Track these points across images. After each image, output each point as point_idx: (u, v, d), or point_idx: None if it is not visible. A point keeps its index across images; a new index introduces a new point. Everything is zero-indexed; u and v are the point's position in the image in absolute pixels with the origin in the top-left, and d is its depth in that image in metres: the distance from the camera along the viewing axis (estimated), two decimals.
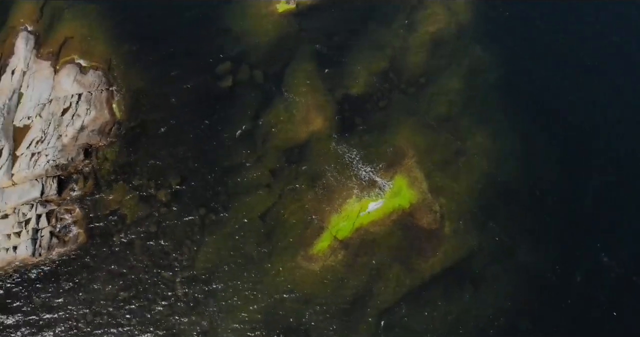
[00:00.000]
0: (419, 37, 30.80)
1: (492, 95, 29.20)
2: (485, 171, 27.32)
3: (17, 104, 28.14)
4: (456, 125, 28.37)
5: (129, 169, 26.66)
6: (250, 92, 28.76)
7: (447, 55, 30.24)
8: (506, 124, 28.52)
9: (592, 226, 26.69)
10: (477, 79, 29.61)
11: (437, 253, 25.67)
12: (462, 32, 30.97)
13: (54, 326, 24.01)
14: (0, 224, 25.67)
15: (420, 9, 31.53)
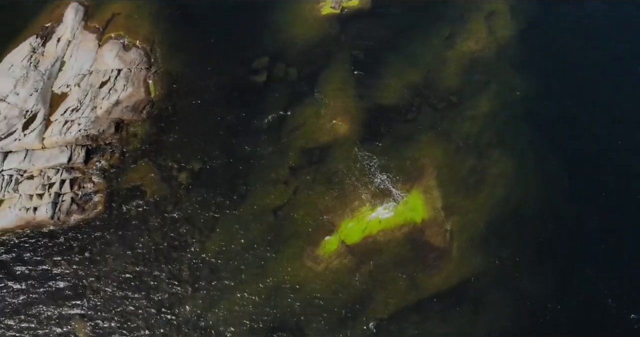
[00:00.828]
0: (456, 54, 31.15)
1: (519, 122, 29.40)
2: (501, 196, 27.57)
3: (59, 71, 29.41)
4: (479, 146, 28.63)
5: (155, 148, 27.70)
6: (282, 89, 29.53)
7: (481, 76, 30.50)
8: (528, 152, 28.70)
9: (597, 259, 26.75)
10: (508, 103, 29.82)
11: (442, 271, 26.01)
12: (500, 54, 31.20)
13: (60, 289, 25.12)
14: (25, 184, 26.95)
15: (461, 25, 31.88)
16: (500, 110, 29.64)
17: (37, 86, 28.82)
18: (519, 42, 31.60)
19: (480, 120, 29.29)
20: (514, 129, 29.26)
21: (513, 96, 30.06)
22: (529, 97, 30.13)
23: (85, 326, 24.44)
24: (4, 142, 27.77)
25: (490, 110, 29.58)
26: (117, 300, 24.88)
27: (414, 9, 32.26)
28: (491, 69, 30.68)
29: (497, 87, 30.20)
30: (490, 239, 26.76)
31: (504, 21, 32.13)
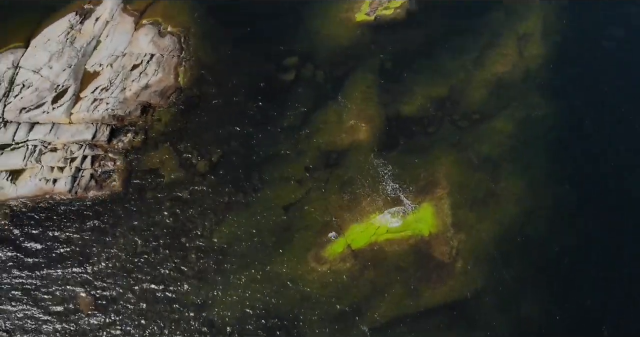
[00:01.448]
0: (484, 72, 31.51)
1: (539, 147, 29.65)
2: (511, 218, 27.87)
3: (93, 50, 30.44)
4: (496, 167, 28.95)
5: (177, 135, 28.61)
6: (308, 90, 30.21)
7: (506, 98, 30.82)
8: (544, 178, 28.96)
9: (602, 288, 26.92)
10: (530, 127, 30.09)
11: (443, 286, 26.40)
12: (527, 76, 31.48)
13: (68, 262, 26.13)
14: (48, 156, 27.97)
15: (493, 46, 32.20)
16: (520, 132, 29.93)
17: (70, 62, 29.89)
18: (548, 66, 31.81)
19: (499, 140, 29.61)
20: (532, 151, 29.53)
21: (535, 119, 30.35)
22: (550, 121, 30.40)
23: (87, 295, 25.39)
24: (33, 113, 28.85)
25: (510, 131, 29.91)
26: (122, 275, 25.82)
27: (447, 24, 32.69)
28: (517, 91, 31.00)
29: (520, 109, 30.51)
30: (496, 258, 27.09)
31: (536, 44, 32.39)
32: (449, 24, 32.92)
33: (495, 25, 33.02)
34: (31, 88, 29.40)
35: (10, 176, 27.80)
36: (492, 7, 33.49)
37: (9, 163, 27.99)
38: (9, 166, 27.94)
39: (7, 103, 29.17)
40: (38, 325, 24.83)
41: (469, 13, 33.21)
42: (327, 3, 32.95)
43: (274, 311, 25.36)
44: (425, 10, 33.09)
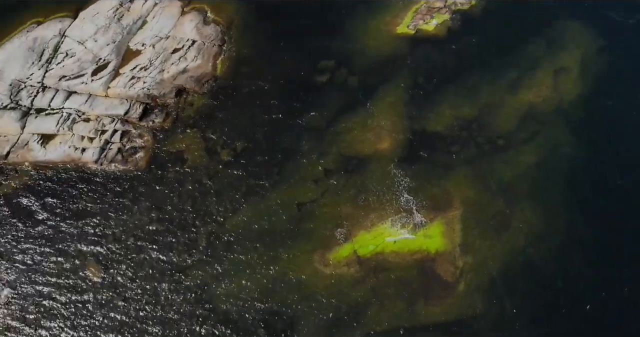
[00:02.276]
0: (515, 99, 32.02)
1: (558, 181, 30.04)
2: (520, 247, 28.33)
3: (139, 29, 31.97)
4: (512, 195, 29.40)
5: (206, 121, 29.93)
6: (339, 94, 31.22)
7: (534, 128, 31.30)
8: (559, 212, 29.29)
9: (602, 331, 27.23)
10: (552, 160, 30.50)
11: (442, 304, 26.94)
12: (558, 110, 31.90)
13: (83, 227, 27.50)
14: (80, 126, 29.41)
15: (529, 74, 32.73)
16: (542, 163, 30.37)
17: (115, 38, 31.34)
18: (580, 103, 32.17)
19: (519, 168, 30.10)
20: (551, 184, 29.94)
21: (559, 153, 30.74)
22: (574, 157, 30.72)
23: (96, 261, 26.73)
24: (72, 82, 30.32)
25: (532, 161, 30.36)
26: (133, 248, 27.12)
27: (487, 46, 33.39)
28: (545, 122, 31.46)
29: (546, 141, 30.95)
30: (499, 285, 27.56)
31: (571, 79, 32.82)
32: (489, 46, 33.62)
33: (534, 54, 33.56)
34: (74, 58, 30.94)
35: (41, 140, 29.30)
36: (534, 36, 34.10)
37: (42, 127, 29.56)
38: (41, 130, 29.51)
39: (49, 69, 30.72)
40: (45, 281, 26.21)
41: (510, 38, 33.89)
42: (370, 11, 34.04)
43: (273, 303, 26.27)
44: (467, 29, 33.90)
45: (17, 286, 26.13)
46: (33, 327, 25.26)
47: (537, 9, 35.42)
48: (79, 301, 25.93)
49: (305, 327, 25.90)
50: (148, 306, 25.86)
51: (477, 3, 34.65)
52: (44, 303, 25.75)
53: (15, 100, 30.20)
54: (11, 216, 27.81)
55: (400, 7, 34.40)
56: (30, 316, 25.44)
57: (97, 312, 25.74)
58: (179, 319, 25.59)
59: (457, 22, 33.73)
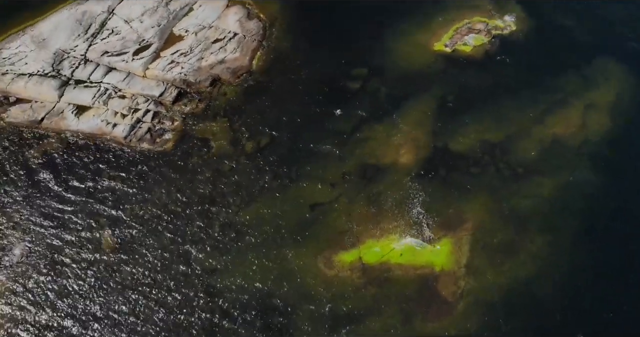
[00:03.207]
0: (542, 130, 32.65)
1: (573, 216, 30.47)
2: (524, 276, 28.85)
3: (184, 15, 33.72)
4: (524, 223, 29.97)
5: (236, 112, 31.42)
6: (368, 102, 32.38)
7: (556, 160, 31.86)
8: (569, 245, 29.72)
9: None
10: (570, 195, 30.96)
11: (440, 322, 27.59)
12: (583, 147, 32.35)
13: (103, 200, 29.05)
14: (115, 101, 31.07)
15: (559, 106, 33.36)
16: (559, 196, 30.87)
17: (160, 22, 33.02)
18: (607, 141, 32.59)
19: (535, 198, 30.68)
20: (564, 218, 30.42)
21: (577, 189, 31.23)
22: (592, 195, 31.14)
23: (112, 235, 28.19)
24: (113, 58, 31.99)
25: (549, 193, 30.91)
26: (148, 226, 28.54)
27: (520, 73, 34.19)
28: (568, 156, 32.01)
29: (565, 175, 31.49)
30: (498, 310, 28.13)
31: (601, 116, 33.34)
32: (522, 74, 34.40)
33: (566, 87, 34.20)
34: (118, 36, 32.65)
35: (76, 110, 30.99)
36: (569, 69, 34.80)
37: (78, 98, 31.28)
38: (77, 101, 31.24)
39: (93, 43, 32.46)
40: (60, 244, 27.77)
41: (545, 68, 34.66)
42: (412, 25, 35.23)
43: (273, 296, 27.37)
44: (503, 54, 34.73)
45: (32, 245, 27.81)
46: (42, 286, 26.80)
47: (577, 42, 36.16)
48: (89, 266, 27.46)
49: (301, 324, 26.86)
50: (154, 280, 27.26)
51: (518, 29, 35.54)
52: (56, 265, 27.33)
53: (57, 69, 31.98)
54: (36, 179, 29.58)
55: (441, 25, 35.46)
56: (41, 276, 27.01)
57: (105, 278, 27.22)
58: (182, 297, 26.87)
59: (495, 46, 34.63)
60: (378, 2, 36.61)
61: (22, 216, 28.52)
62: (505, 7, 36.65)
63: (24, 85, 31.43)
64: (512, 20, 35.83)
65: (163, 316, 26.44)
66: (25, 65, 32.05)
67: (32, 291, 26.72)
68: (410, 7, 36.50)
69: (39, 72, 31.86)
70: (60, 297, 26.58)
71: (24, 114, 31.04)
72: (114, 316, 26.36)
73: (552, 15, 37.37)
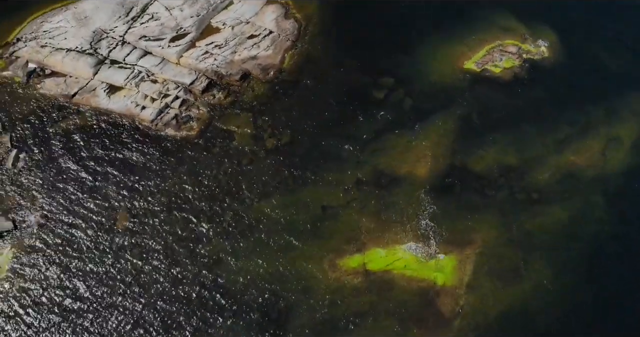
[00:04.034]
0: (560, 158, 33.23)
1: (581, 246, 30.95)
2: (526, 301, 29.41)
3: (223, 9, 35.15)
4: (532, 249, 30.56)
5: (261, 108, 32.68)
6: (391, 111, 33.37)
7: (571, 189, 32.40)
8: (573, 275, 30.17)
9: None
10: (582, 226, 31.44)
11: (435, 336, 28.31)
12: (600, 179, 32.76)
13: (122, 179, 30.34)
14: (146, 85, 32.52)
15: (580, 136, 33.92)
16: (570, 225, 31.38)
17: (200, 12, 34.44)
18: (624, 176, 33.04)
19: (546, 225, 31.27)
20: (572, 247, 30.90)
21: (590, 220, 31.73)
22: (603, 226, 31.49)
23: (126, 213, 29.51)
24: (150, 43, 33.42)
25: (560, 220, 31.46)
26: (162, 208, 29.78)
27: (546, 100, 34.84)
28: (584, 187, 32.55)
29: (579, 205, 32.05)
30: (494, 330, 28.66)
31: (622, 150, 33.83)
32: (548, 100, 35.06)
33: (591, 117, 34.79)
34: (158, 22, 34.11)
35: (108, 89, 32.46)
36: (596, 100, 35.38)
37: (112, 78, 32.75)
38: (110, 80, 32.71)
39: (132, 26, 33.94)
40: (76, 217, 29.13)
41: (572, 96, 35.27)
42: (445, 40, 36.16)
43: (275, 289, 28.34)
44: (532, 79, 35.47)
45: (49, 215, 29.23)
46: (53, 254, 28.21)
47: (607, 73, 36.72)
48: (101, 240, 28.78)
49: (298, 321, 27.76)
50: (161, 258, 28.49)
51: (549, 55, 36.22)
52: (69, 236, 28.69)
53: (95, 47, 33.50)
54: (61, 152, 31.08)
55: (474, 43, 36.30)
56: (53, 245, 28.43)
57: (114, 253, 28.55)
58: (186, 279, 28.07)
59: (524, 69, 35.33)
60: (416, 14, 37.60)
61: (42, 185, 30.05)
62: (539, 33, 37.33)
63: (61, 59, 33.05)
64: (544, 45, 36.51)
65: (164, 295, 27.67)
66: (65, 41, 33.71)
67: (42, 258, 28.17)
68: (446, 23, 37.43)
69: (77, 48, 33.49)
70: (68, 268, 27.94)
71: (58, 87, 32.62)
72: (118, 289, 27.65)
73: (585, 43, 38.02)
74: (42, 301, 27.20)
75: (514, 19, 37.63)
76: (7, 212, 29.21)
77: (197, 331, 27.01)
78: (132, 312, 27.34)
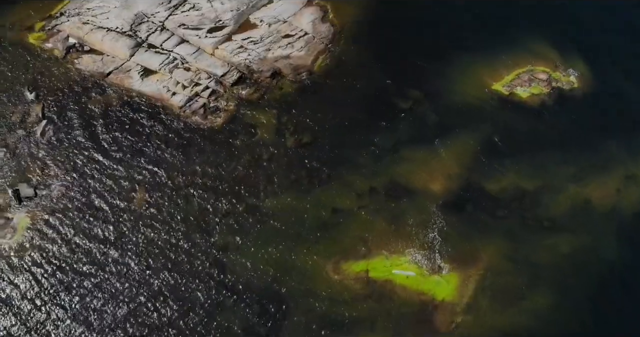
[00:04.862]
0: (575, 190, 33.35)
1: (586, 279, 31.08)
2: (522, 323, 29.72)
3: (263, 6, 36.53)
4: (536, 275, 30.83)
5: (287, 107, 33.85)
6: (413, 124, 34.15)
7: (583, 222, 32.62)
8: (574, 306, 30.33)
9: None
10: (589, 258, 31.46)
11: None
12: (614, 215, 32.76)
13: (143, 160, 31.72)
14: (179, 72, 33.97)
15: (599, 170, 34.08)
16: (577, 257, 31.60)
17: (240, 7, 35.82)
18: (637, 217, 33.10)
19: (553, 254, 31.56)
20: (577, 279, 31.05)
21: (598, 253, 31.96)
22: (611, 263, 31.67)
23: (145, 194, 30.91)
24: (188, 32, 34.85)
25: (568, 251, 31.71)
26: (178, 193, 31.06)
27: (569, 130, 35.10)
28: (596, 221, 32.80)
29: (589, 238, 32.31)
30: None
31: (636, 191, 33.98)
32: (572, 131, 35.33)
33: (612, 153, 35.01)
34: (198, 12, 35.53)
35: (142, 71, 33.97)
36: (619, 136, 35.52)
37: (147, 61, 34.28)
38: (146, 64, 34.25)
39: (173, 14, 35.43)
40: (96, 189, 30.70)
41: (595, 130, 35.49)
42: (477, 60, 36.79)
43: (277, 284, 29.25)
44: (558, 108, 35.89)
45: (69, 186, 30.80)
46: (69, 222, 29.75)
47: (634, 112, 36.98)
48: (118, 215, 30.23)
49: (295, 318, 28.54)
50: (171, 240, 29.77)
51: (578, 86, 36.64)
52: (86, 208, 30.18)
53: (135, 30, 35.00)
54: (89, 127, 32.62)
55: (505, 66, 36.92)
56: (70, 214, 29.95)
57: (129, 226, 29.94)
58: (193, 262, 29.28)
59: (552, 98, 35.81)
60: (452, 29, 38.49)
61: (66, 157, 31.66)
62: (571, 62, 37.76)
63: (101, 38, 34.66)
64: (575, 75, 36.92)
65: (168, 275, 28.89)
66: (107, 20, 35.32)
67: (59, 226, 29.68)
68: (481, 41, 38.10)
69: (117, 28, 35.04)
70: (83, 237, 29.43)
71: (94, 64, 34.16)
72: (125, 264, 29.05)
73: (616, 77, 38.30)
74: (54, 262, 28.74)
75: (549, 45, 38.17)
76: (30, 180, 30.90)
77: (195, 306, 28.18)
78: (138, 279, 28.73)
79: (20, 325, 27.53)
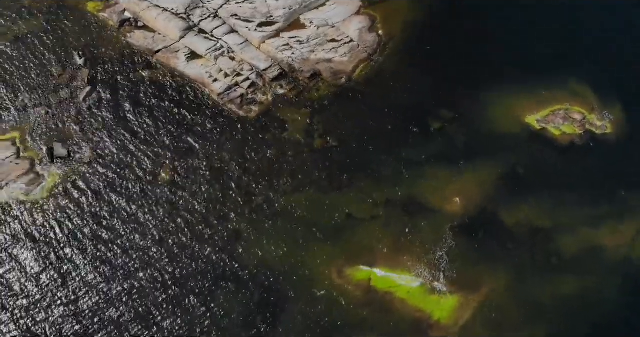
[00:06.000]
0: (589, 235, 33.35)
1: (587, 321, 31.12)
2: None
3: (315, 8, 37.89)
4: (538, 312, 31.22)
5: (320, 109, 35.29)
6: (441, 143, 35.06)
7: (593, 265, 32.79)
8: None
9: None
10: (593, 302, 31.68)
11: None
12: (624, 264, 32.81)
13: (173, 139, 33.47)
14: (224, 60, 35.71)
15: (615, 219, 33.92)
16: (582, 298, 31.73)
17: (292, 6, 37.32)
18: None
19: (558, 293, 31.73)
20: (578, 320, 31.10)
21: (603, 298, 32.12)
22: (615, 309, 31.71)
23: (169, 171, 32.65)
24: (239, 23, 36.47)
25: (573, 292, 31.90)
26: (201, 175, 32.81)
27: (593, 175, 35.08)
28: (606, 267, 32.99)
29: (597, 282, 32.47)
30: None
31: None
32: (596, 176, 35.42)
33: (631, 203, 34.96)
34: (252, 5, 37.19)
35: (189, 54, 35.76)
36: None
37: (195, 45, 36.10)
38: (194, 47, 36.08)
39: (228, 3, 37.09)
40: (125, 161, 32.54)
41: (620, 178, 35.41)
42: (514, 91, 37.26)
43: (280, 279, 30.42)
44: (587, 150, 36.08)
45: (101, 153, 32.74)
46: (95, 187, 31.78)
47: None
48: (142, 185, 32.14)
49: (290, 315, 29.56)
50: (192, 215, 31.47)
51: (611, 132, 36.81)
52: (114, 175, 32.15)
53: (189, 13, 36.74)
54: (129, 99, 34.65)
55: (543, 101, 37.44)
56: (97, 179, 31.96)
57: (151, 199, 31.82)
58: (204, 246, 30.77)
59: (582, 139, 36.16)
60: (496, 55, 38.93)
61: (103, 125, 33.74)
62: (608, 106, 37.77)
63: (156, 16, 36.55)
64: (609, 119, 37.11)
65: (179, 255, 30.58)
66: (164, 0, 37.00)
67: (85, 188, 31.76)
68: (523, 72, 38.40)
69: (172, 10, 36.88)
70: (105, 204, 31.44)
71: (145, 41, 35.98)
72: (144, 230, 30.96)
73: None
74: (76, 222, 30.82)
75: (588, 87, 38.38)
76: (65, 141, 32.86)
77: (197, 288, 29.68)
78: (149, 252, 30.51)
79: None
